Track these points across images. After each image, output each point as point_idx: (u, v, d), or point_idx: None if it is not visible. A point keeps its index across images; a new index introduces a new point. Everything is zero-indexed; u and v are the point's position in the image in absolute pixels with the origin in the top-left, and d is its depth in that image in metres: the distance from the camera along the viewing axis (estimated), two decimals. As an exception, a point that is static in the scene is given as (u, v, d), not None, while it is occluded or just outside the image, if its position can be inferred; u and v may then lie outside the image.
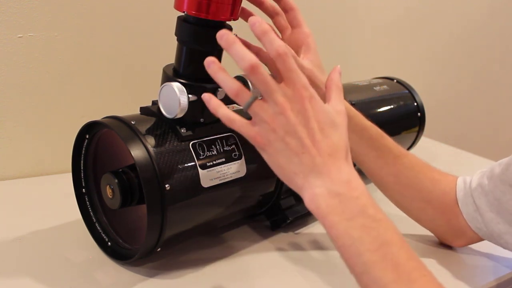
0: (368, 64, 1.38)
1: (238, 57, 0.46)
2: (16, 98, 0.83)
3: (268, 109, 0.46)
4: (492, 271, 0.69)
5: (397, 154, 0.68)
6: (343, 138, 0.49)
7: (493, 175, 0.63)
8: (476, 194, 0.65)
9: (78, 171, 0.65)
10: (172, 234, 0.59)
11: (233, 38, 0.47)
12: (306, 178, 0.47)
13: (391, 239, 0.45)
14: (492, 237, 0.65)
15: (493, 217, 0.63)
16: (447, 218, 0.68)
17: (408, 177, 0.68)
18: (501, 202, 0.62)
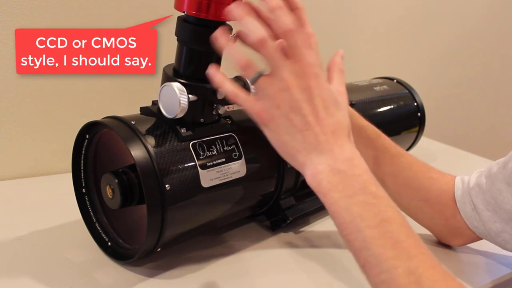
0: (368, 64, 1.38)
1: (248, 30, 0.46)
2: (16, 98, 0.83)
3: (273, 84, 0.47)
4: (491, 271, 0.69)
5: (394, 154, 0.69)
6: (346, 117, 0.49)
7: (491, 174, 0.64)
8: (474, 193, 0.65)
9: (78, 171, 0.65)
10: (172, 234, 0.59)
11: (246, 10, 0.47)
12: (308, 155, 0.47)
13: (392, 216, 0.45)
14: (489, 236, 0.65)
15: (490, 215, 0.63)
16: (445, 217, 0.68)
17: (405, 177, 0.69)
18: (497, 200, 0.62)
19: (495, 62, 1.84)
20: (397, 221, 0.45)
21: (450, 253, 0.73)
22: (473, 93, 1.81)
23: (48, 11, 0.82)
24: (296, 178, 0.74)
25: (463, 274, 0.68)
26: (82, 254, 0.63)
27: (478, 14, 1.68)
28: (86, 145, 0.64)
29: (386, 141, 0.69)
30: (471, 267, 0.70)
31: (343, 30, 1.29)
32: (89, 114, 0.87)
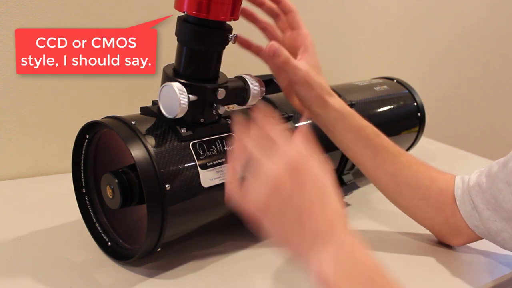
0: (368, 64, 1.38)
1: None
2: (16, 98, 0.83)
3: (259, 184, 0.44)
4: (491, 271, 0.69)
5: (394, 153, 0.69)
6: (339, 203, 0.46)
7: (491, 173, 0.64)
8: (474, 192, 0.65)
9: (78, 171, 0.65)
10: (172, 234, 0.59)
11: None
12: (309, 251, 0.44)
13: None
14: (489, 235, 0.65)
15: (490, 214, 0.63)
16: (445, 216, 0.68)
17: (405, 176, 0.69)
18: (497, 199, 0.62)
19: (495, 62, 1.84)
20: None
21: (451, 253, 0.73)
22: (473, 93, 1.81)
23: (48, 11, 0.82)
24: (296, 178, 0.74)
25: (463, 274, 0.68)
26: (82, 254, 0.63)
27: (478, 14, 1.68)
28: (86, 145, 0.64)
29: (385, 141, 0.69)
30: (471, 267, 0.70)
31: (343, 30, 1.29)
32: (89, 114, 0.87)
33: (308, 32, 0.67)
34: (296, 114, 0.76)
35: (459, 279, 0.66)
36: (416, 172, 0.69)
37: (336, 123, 0.68)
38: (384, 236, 0.76)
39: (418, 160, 0.70)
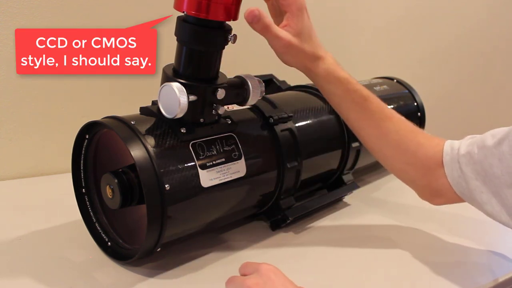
0: (368, 64, 1.38)
1: None
2: (16, 98, 0.83)
3: None
4: (491, 271, 0.69)
5: (381, 117, 0.69)
6: None
7: (484, 145, 0.64)
8: (464, 160, 0.65)
9: (78, 171, 0.65)
10: (172, 234, 0.59)
11: None
12: None
13: None
14: (473, 202, 0.66)
15: (478, 185, 0.64)
16: (428, 180, 0.69)
17: (391, 140, 0.69)
18: (487, 173, 0.62)
19: (495, 62, 1.84)
20: None
21: (451, 253, 0.73)
22: (473, 93, 1.81)
23: (48, 11, 0.82)
24: (296, 178, 0.74)
25: (463, 275, 0.68)
26: (82, 254, 0.63)
27: (478, 14, 1.68)
28: (86, 145, 0.64)
29: (373, 105, 0.69)
30: (471, 267, 0.70)
31: (343, 30, 1.29)
32: (89, 114, 0.87)
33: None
34: (296, 114, 0.76)
35: (460, 280, 0.66)
36: (403, 137, 0.69)
37: (322, 85, 0.69)
38: (384, 236, 0.76)
39: (407, 125, 0.70)
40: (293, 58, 0.66)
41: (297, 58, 0.66)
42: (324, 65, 0.67)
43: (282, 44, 0.64)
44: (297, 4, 0.64)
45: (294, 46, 0.64)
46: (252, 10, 0.60)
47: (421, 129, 0.71)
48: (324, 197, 0.82)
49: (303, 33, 0.65)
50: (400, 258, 0.70)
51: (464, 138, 0.68)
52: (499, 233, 0.81)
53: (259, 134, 0.70)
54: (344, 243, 0.73)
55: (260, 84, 0.66)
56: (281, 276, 0.52)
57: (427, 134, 0.71)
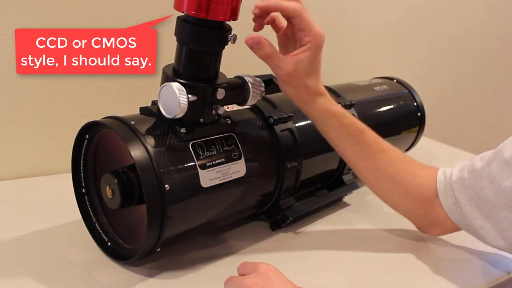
0: (368, 64, 1.38)
1: None
2: (16, 98, 0.83)
3: None
4: (491, 272, 0.69)
5: (376, 150, 0.69)
6: None
7: (474, 169, 0.64)
8: (456, 187, 0.66)
9: (78, 171, 0.65)
10: (172, 234, 0.59)
11: None
12: None
13: None
14: (470, 229, 0.66)
15: (471, 210, 0.64)
16: (425, 210, 0.69)
17: (387, 172, 0.69)
18: (480, 197, 0.63)
19: (495, 62, 1.84)
20: None
21: (449, 254, 0.73)
22: (473, 93, 1.81)
23: (48, 11, 0.82)
24: (296, 178, 0.74)
25: (462, 276, 0.68)
26: (82, 254, 0.63)
27: (478, 14, 1.68)
28: (86, 145, 0.64)
29: (369, 138, 0.69)
30: (470, 268, 0.70)
31: (343, 30, 1.29)
32: (89, 114, 0.87)
33: (318, 33, 0.64)
34: (296, 114, 0.76)
35: (459, 280, 0.66)
36: (398, 169, 0.69)
37: (317, 119, 0.69)
38: (383, 236, 0.76)
39: (402, 156, 0.71)
40: (293, 90, 0.65)
41: (298, 90, 0.65)
42: (322, 100, 0.67)
43: (283, 74, 0.63)
44: (317, 41, 0.64)
45: (296, 78, 0.64)
46: (252, 37, 0.61)
47: (414, 160, 0.72)
48: (324, 197, 0.82)
49: (313, 68, 0.65)
50: (400, 258, 0.70)
51: (456, 164, 0.69)
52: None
53: (259, 134, 0.70)
54: (344, 243, 0.73)
55: (260, 84, 0.66)
56: (280, 275, 0.52)
57: (421, 164, 0.71)
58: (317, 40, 0.64)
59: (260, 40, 0.61)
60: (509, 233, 0.61)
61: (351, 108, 0.85)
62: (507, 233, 0.61)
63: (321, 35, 0.64)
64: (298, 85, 0.65)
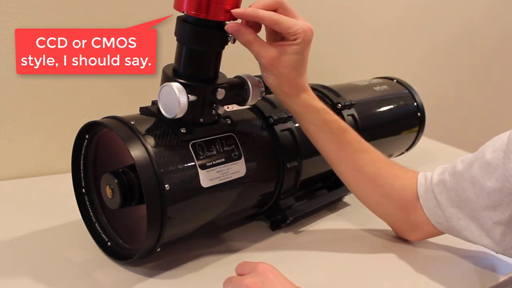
0: (368, 64, 1.38)
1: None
2: (16, 98, 0.83)
3: None
4: (490, 272, 0.69)
5: (358, 149, 0.69)
6: None
7: (455, 172, 0.64)
8: (437, 189, 0.65)
9: (78, 171, 0.65)
10: (171, 234, 0.59)
11: None
12: None
13: None
14: (452, 231, 0.66)
15: (454, 212, 0.64)
16: (406, 213, 0.69)
17: (368, 173, 0.69)
18: (462, 198, 0.63)
19: (495, 62, 1.84)
20: None
21: (448, 256, 0.73)
22: (473, 93, 1.81)
23: (48, 11, 0.82)
24: (296, 178, 0.74)
25: (462, 277, 0.68)
26: (82, 254, 0.64)
27: (478, 14, 1.68)
28: (86, 145, 0.64)
29: (351, 137, 0.69)
30: (470, 270, 0.70)
31: (343, 30, 1.29)
32: (89, 114, 0.87)
33: (304, 29, 0.61)
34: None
35: (458, 280, 0.67)
36: (380, 170, 0.69)
37: (300, 115, 0.68)
38: (383, 236, 0.76)
39: (384, 158, 0.70)
40: (274, 79, 0.64)
41: (279, 81, 0.63)
42: (305, 95, 0.66)
43: (263, 61, 0.62)
44: (305, 37, 0.62)
45: (276, 67, 0.62)
46: (231, 25, 0.60)
47: (396, 162, 0.71)
48: (324, 197, 0.82)
49: (298, 62, 0.63)
50: (400, 258, 0.70)
51: (436, 168, 0.69)
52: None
53: (259, 134, 0.70)
54: (344, 243, 0.73)
55: (260, 84, 0.66)
56: (279, 275, 0.52)
57: (402, 167, 0.71)
58: (305, 36, 0.62)
59: (239, 28, 0.60)
60: (493, 232, 0.61)
61: (351, 108, 0.85)
62: (491, 232, 0.61)
63: (309, 31, 0.62)
64: (279, 75, 0.63)
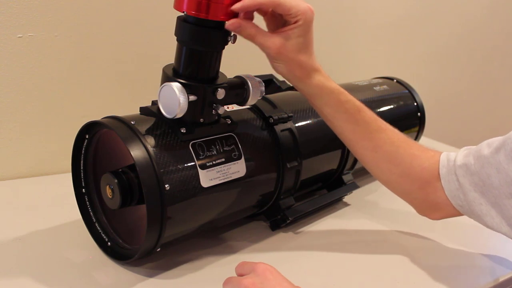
0: (368, 64, 1.38)
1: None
2: (16, 98, 0.83)
3: None
4: (490, 273, 0.69)
5: (375, 128, 0.68)
6: None
7: (481, 155, 0.62)
8: (461, 172, 0.64)
9: (78, 171, 0.65)
10: (171, 234, 0.59)
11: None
12: None
13: None
14: (472, 215, 0.65)
15: (476, 196, 0.63)
16: (425, 193, 0.68)
17: (386, 152, 0.68)
18: (486, 184, 0.61)
19: (495, 62, 1.83)
20: None
21: (450, 254, 0.73)
22: (473, 92, 1.81)
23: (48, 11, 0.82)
24: (296, 178, 0.74)
25: (462, 276, 0.68)
26: (82, 254, 0.64)
27: (478, 14, 1.68)
28: (86, 145, 0.64)
29: (366, 116, 0.68)
30: (470, 268, 0.70)
31: (343, 30, 1.29)
32: (89, 114, 0.87)
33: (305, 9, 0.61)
34: (296, 114, 0.76)
35: (459, 281, 0.66)
36: (398, 149, 0.68)
37: (314, 97, 0.67)
38: (383, 236, 0.77)
39: (402, 137, 0.69)
40: (285, 67, 0.64)
41: (290, 67, 0.64)
42: (319, 76, 0.66)
43: (270, 51, 0.62)
44: (307, 18, 0.62)
45: (284, 54, 0.62)
46: (232, 23, 0.59)
47: (415, 141, 0.70)
48: (324, 197, 0.82)
49: (304, 44, 0.63)
50: (400, 259, 0.70)
51: (460, 149, 0.67)
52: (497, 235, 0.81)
53: (259, 134, 0.70)
54: (343, 243, 0.73)
55: (260, 84, 0.66)
56: (278, 275, 0.52)
57: (422, 146, 0.70)
58: (306, 16, 0.62)
59: (240, 24, 0.60)
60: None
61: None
62: (511, 221, 0.60)
63: (310, 11, 0.62)
64: (288, 61, 0.63)
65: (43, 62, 0.83)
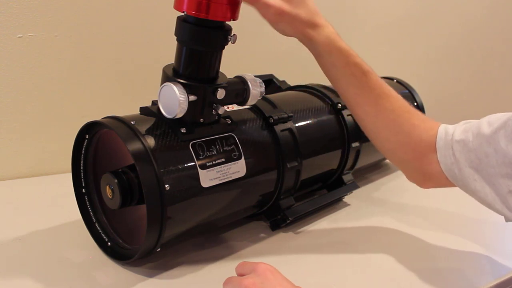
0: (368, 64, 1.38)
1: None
2: (16, 98, 0.83)
3: None
4: (490, 273, 0.69)
5: (378, 94, 0.67)
6: None
7: (480, 133, 0.62)
8: (458, 147, 0.64)
9: (78, 171, 0.65)
10: (171, 234, 0.59)
11: None
12: None
13: None
14: (467, 190, 0.65)
15: (471, 172, 0.63)
16: (420, 164, 0.68)
17: (387, 119, 0.68)
18: (482, 162, 0.61)
19: (495, 62, 1.83)
20: None
21: (450, 254, 0.73)
22: (473, 93, 1.81)
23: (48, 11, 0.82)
24: (296, 178, 0.74)
25: (463, 276, 0.68)
26: (82, 254, 0.64)
27: (478, 13, 1.68)
28: (86, 145, 0.64)
29: (372, 81, 0.67)
30: (471, 268, 0.70)
31: (343, 30, 1.29)
32: (89, 114, 0.87)
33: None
34: (296, 114, 0.76)
35: (459, 281, 0.66)
36: (398, 117, 0.67)
37: (321, 56, 0.67)
38: (383, 236, 0.77)
39: (405, 106, 0.69)
40: (289, 26, 0.64)
41: (293, 25, 0.63)
42: (325, 32, 0.65)
43: (272, 12, 0.62)
44: None
45: (286, 13, 0.62)
46: None
47: (418, 111, 0.69)
48: (324, 197, 0.82)
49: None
50: (400, 259, 0.70)
51: (459, 122, 0.67)
52: (498, 234, 0.81)
53: (259, 134, 0.70)
54: (343, 243, 0.73)
55: (260, 84, 0.66)
56: (278, 275, 0.52)
57: (423, 116, 0.69)
58: None
59: None
60: (508, 200, 0.60)
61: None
62: (506, 199, 0.60)
63: None
64: (291, 20, 0.63)
65: (43, 62, 0.83)
